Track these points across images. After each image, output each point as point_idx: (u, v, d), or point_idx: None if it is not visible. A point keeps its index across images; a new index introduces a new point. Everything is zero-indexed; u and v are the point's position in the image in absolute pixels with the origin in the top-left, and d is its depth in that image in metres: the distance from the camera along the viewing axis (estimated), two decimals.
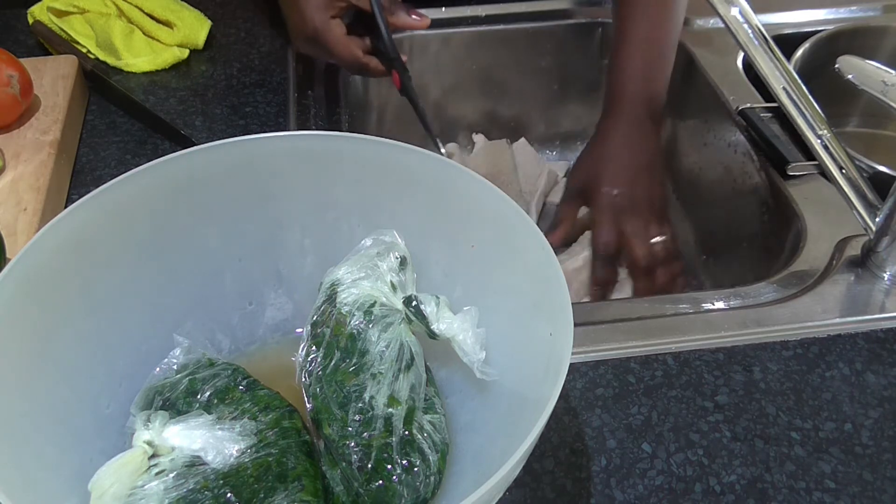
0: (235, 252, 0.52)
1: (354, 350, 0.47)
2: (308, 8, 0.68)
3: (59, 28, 0.86)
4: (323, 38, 0.68)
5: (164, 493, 0.41)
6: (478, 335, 0.46)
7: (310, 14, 0.68)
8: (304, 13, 0.68)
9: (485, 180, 0.46)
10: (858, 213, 0.63)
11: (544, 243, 0.43)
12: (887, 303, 0.62)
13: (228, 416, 0.46)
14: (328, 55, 0.71)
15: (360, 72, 0.73)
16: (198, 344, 0.50)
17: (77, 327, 0.45)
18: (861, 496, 0.50)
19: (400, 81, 0.72)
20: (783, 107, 0.65)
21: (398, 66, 0.71)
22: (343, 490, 0.45)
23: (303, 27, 0.69)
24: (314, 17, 0.67)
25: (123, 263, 0.47)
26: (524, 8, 0.95)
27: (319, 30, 0.68)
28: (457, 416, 0.49)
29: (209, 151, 0.48)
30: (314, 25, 0.68)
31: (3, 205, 0.65)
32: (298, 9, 0.68)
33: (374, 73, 0.73)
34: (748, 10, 0.64)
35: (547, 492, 0.50)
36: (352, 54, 0.69)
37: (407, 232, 0.50)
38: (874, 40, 0.91)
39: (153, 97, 0.82)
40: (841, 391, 0.56)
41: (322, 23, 0.67)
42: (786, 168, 0.74)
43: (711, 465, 0.52)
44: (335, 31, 0.68)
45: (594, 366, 0.57)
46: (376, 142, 0.49)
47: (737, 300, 0.63)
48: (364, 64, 0.71)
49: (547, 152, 1.03)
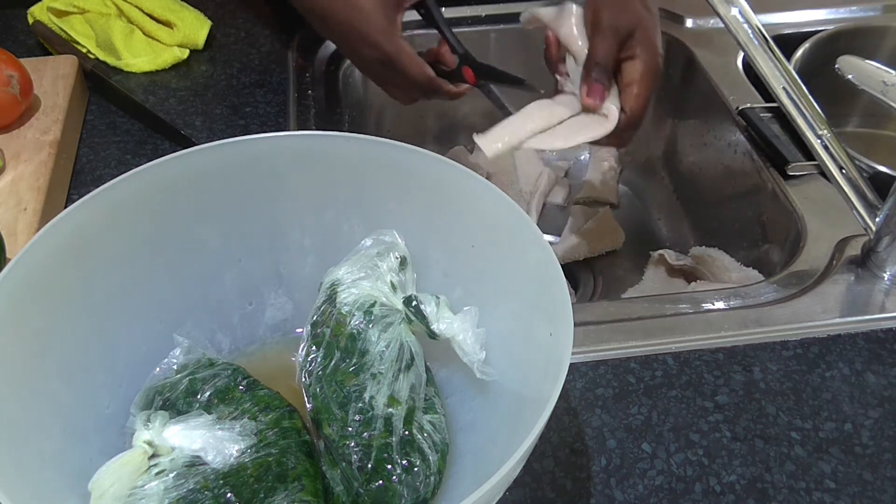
0: (235, 252, 0.52)
1: (354, 350, 0.47)
2: (374, 33, 0.64)
3: (59, 28, 0.86)
4: (398, 60, 0.64)
5: (164, 493, 0.41)
6: (478, 335, 0.46)
7: (377, 39, 0.64)
8: (371, 39, 0.64)
9: (485, 180, 0.46)
10: (858, 213, 0.63)
11: (544, 243, 0.43)
12: (887, 303, 0.62)
13: (228, 416, 0.46)
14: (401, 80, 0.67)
15: (430, 93, 0.68)
16: (198, 344, 0.50)
17: (77, 327, 0.45)
18: (861, 496, 0.50)
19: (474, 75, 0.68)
20: (783, 107, 0.65)
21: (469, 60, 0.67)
22: (343, 490, 0.45)
23: (375, 54, 0.65)
24: (385, 43, 0.64)
25: (123, 263, 0.47)
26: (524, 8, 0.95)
27: (392, 52, 0.64)
28: (457, 416, 0.49)
29: (209, 151, 0.48)
30: (386, 49, 0.64)
31: (3, 205, 0.65)
32: (363, 36, 0.64)
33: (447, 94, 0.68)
34: (748, 10, 0.64)
35: (547, 492, 0.50)
36: (426, 74, 0.65)
37: (407, 232, 0.50)
38: (874, 40, 0.91)
39: (153, 97, 0.82)
40: (841, 391, 0.56)
41: (393, 45, 0.64)
42: (786, 168, 0.74)
43: (711, 465, 0.52)
44: (407, 51, 0.65)
45: (594, 366, 0.57)
46: (376, 142, 0.49)
47: (737, 300, 0.63)
48: (438, 85, 0.67)
49: (547, 152, 1.03)
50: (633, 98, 0.61)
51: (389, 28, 0.64)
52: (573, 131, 0.62)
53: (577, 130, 0.62)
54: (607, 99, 0.61)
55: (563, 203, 0.97)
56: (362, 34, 0.64)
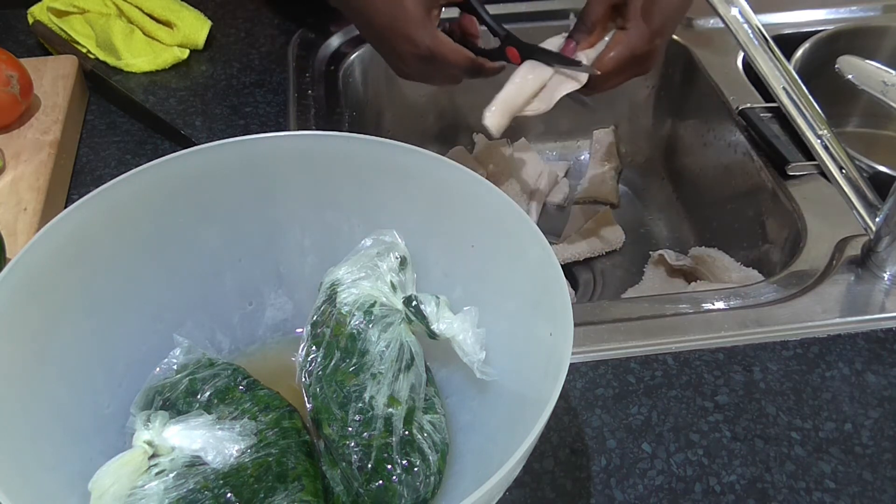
0: (235, 252, 0.52)
1: (354, 350, 0.47)
2: (412, 28, 0.65)
3: (59, 28, 0.86)
4: (439, 52, 0.65)
5: (164, 493, 0.41)
6: (478, 335, 0.46)
7: (417, 34, 0.64)
8: (411, 35, 0.65)
9: (485, 180, 0.46)
10: (858, 213, 0.63)
11: (544, 243, 0.43)
12: (887, 303, 0.62)
13: (228, 416, 0.46)
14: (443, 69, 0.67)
15: (476, 74, 0.68)
16: (198, 344, 0.50)
17: (77, 327, 0.45)
18: (861, 496, 0.50)
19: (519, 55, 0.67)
20: (783, 107, 0.65)
21: (512, 41, 0.67)
22: (343, 490, 0.45)
23: (415, 50, 0.66)
24: (423, 36, 0.64)
25: (123, 263, 0.47)
26: (524, 8, 0.95)
27: (432, 46, 0.64)
28: (457, 416, 0.49)
29: (209, 151, 0.48)
30: (426, 44, 0.64)
31: (3, 205, 0.65)
32: (403, 34, 0.65)
33: (490, 72, 0.69)
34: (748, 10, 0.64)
35: (547, 492, 0.50)
36: (467, 58, 0.65)
37: (407, 232, 0.50)
38: (874, 40, 0.91)
39: (153, 97, 0.82)
40: (841, 391, 0.56)
41: (432, 38, 0.64)
42: (786, 168, 0.74)
43: (711, 465, 0.52)
44: (446, 41, 0.65)
45: (594, 366, 0.57)
46: (376, 142, 0.49)
47: (737, 300, 0.63)
48: (480, 64, 0.67)
49: (547, 152, 1.03)
50: (606, 61, 0.65)
51: (426, 22, 0.65)
52: (551, 90, 0.66)
53: (555, 88, 0.65)
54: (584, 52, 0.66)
55: (563, 203, 0.97)
56: (401, 31, 0.65)
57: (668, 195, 0.96)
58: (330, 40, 0.90)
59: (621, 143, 1.00)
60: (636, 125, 0.99)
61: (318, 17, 0.92)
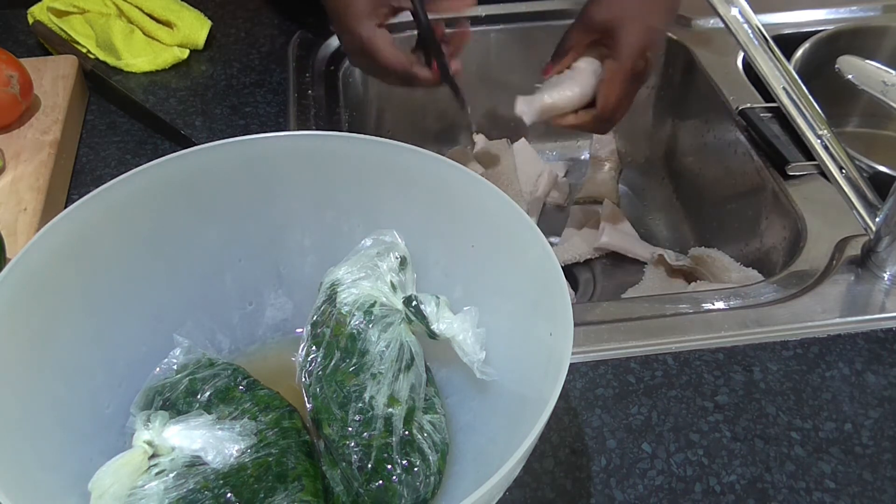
0: (235, 252, 0.52)
1: (354, 350, 0.47)
2: (352, 20, 0.67)
3: (59, 28, 0.86)
4: (371, 48, 0.67)
5: (164, 493, 0.41)
6: (478, 335, 0.46)
7: (355, 26, 0.67)
8: (350, 26, 0.67)
9: (485, 180, 0.46)
10: (858, 213, 0.63)
11: (544, 243, 0.43)
12: (887, 303, 0.62)
13: (228, 416, 0.46)
14: (378, 67, 0.69)
15: (409, 82, 0.71)
16: (198, 344, 0.50)
17: (77, 327, 0.45)
18: (861, 496, 0.50)
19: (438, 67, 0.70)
20: (783, 107, 0.65)
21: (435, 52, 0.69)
22: (343, 490, 0.45)
23: (352, 41, 0.69)
24: (360, 29, 0.67)
25: (123, 263, 0.47)
26: (524, 8, 0.95)
27: (366, 40, 0.67)
28: (457, 416, 0.49)
29: (209, 151, 0.48)
30: (361, 36, 0.67)
31: (3, 205, 0.65)
32: (345, 24, 0.68)
33: (425, 83, 0.71)
34: (748, 10, 0.64)
35: (547, 492, 0.50)
36: (400, 62, 0.67)
37: (407, 232, 0.50)
38: (874, 40, 0.91)
39: (153, 97, 0.82)
40: (841, 391, 0.56)
41: (369, 32, 0.67)
42: (786, 168, 0.74)
43: (711, 465, 0.52)
44: (382, 40, 0.68)
45: (594, 366, 0.57)
46: (376, 142, 0.49)
47: (737, 300, 0.63)
48: (414, 74, 0.69)
49: (547, 152, 1.03)
50: (603, 97, 0.67)
51: (370, 16, 0.67)
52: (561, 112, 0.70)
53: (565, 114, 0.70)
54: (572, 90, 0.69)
55: (563, 203, 0.97)
56: (345, 21, 0.68)
57: (668, 195, 0.96)
58: (330, 40, 0.90)
59: (621, 143, 1.00)
60: (636, 125, 0.99)
61: (318, 17, 0.92)
